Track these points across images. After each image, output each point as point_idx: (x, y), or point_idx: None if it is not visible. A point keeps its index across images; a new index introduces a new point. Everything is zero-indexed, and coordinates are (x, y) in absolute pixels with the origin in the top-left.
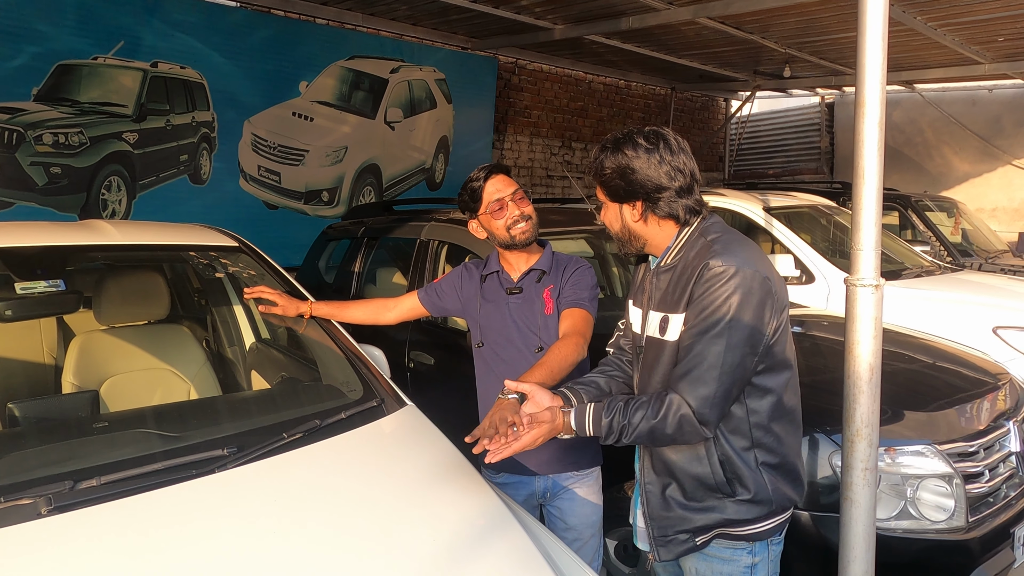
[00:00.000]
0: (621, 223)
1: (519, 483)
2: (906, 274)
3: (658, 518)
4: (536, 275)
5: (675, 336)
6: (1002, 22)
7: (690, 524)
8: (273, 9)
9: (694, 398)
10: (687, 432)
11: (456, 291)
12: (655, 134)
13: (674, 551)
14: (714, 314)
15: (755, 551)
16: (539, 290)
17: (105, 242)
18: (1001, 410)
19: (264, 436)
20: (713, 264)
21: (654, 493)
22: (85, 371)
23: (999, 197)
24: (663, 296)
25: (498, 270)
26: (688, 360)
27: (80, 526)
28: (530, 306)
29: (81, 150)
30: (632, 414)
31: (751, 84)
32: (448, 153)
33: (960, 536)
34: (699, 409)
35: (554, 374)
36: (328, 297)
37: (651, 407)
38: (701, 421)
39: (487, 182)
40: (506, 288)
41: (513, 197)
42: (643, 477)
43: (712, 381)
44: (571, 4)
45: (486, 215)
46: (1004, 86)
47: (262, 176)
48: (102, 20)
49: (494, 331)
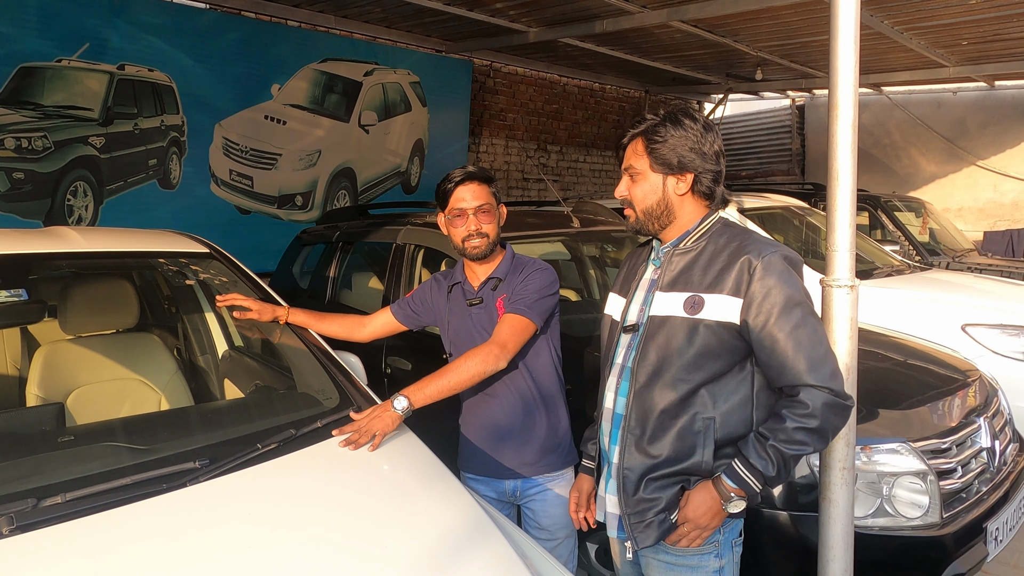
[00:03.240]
0: (662, 195)
1: (488, 482)
2: (877, 273)
3: (633, 503)
4: (493, 283)
5: (715, 316)
6: (965, 26)
7: (666, 501)
8: (244, 11)
9: (823, 379)
10: (839, 415)
11: (429, 303)
12: (705, 118)
13: (654, 534)
14: (787, 300)
15: (721, 553)
16: (494, 298)
17: (70, 250)
18: (972, 406)
19: (238, 447)
20: (759, 256)
21: (631, 479)
22: (50, 383)
23: (964, 197)
24: (680, 276)
25: (461, 281)
26: (796, 351)
27: (44, 546)
28: (489, 315)
29: (45, 155)
30: (787, 435)
31: (723, 87)
32: (423, 156)
33: (935, 532)
34: (834, 387)
35: (449, 383)
36: (303, 304)
37: (797, 418)
38: (841, 396)
39: (457, 187)
40: (467, 300)
41: (476, 211)
42: (620, 462)
43: (826, 356)
44: (545, 7)
45: (447, 219)
46: (968, 89)
47: (234, 180)
48: (66, 21)
49: (460, 342)
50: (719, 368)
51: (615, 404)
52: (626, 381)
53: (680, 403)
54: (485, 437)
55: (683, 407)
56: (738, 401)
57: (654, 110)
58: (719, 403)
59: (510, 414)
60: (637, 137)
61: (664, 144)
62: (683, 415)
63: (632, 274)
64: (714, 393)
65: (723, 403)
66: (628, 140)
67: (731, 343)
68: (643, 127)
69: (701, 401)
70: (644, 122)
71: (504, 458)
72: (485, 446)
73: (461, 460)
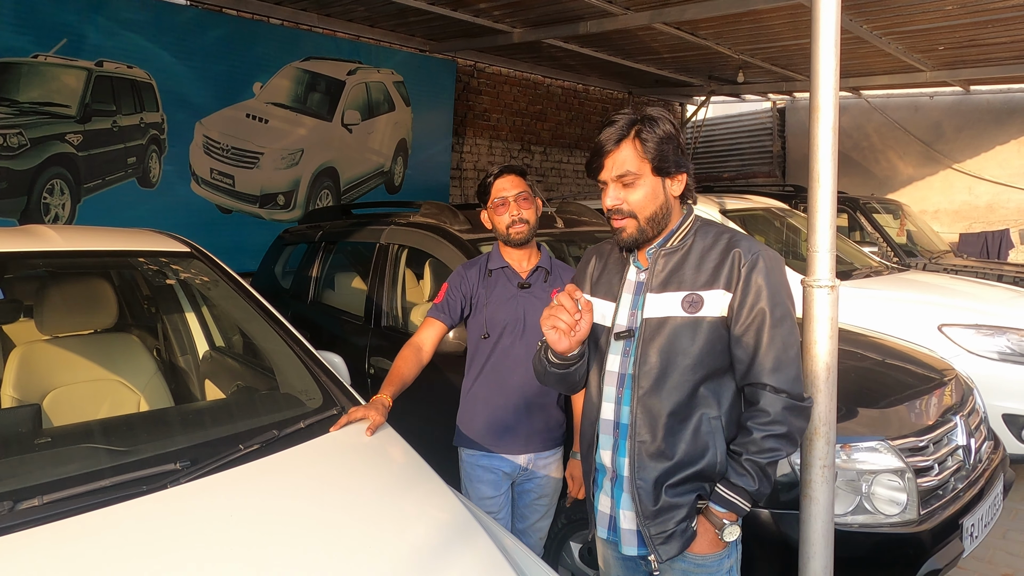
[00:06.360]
0: (664, 199)
1: (503, 460)
2: (856, 274)
3: (653, 514)
4: (542, 274)
5: (715, 312)
6: (941, 32)
7: (687, 509)
8: (225, 8)
9: (782, 382)
10: (799, 416)
11: (460, 294)
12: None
13: (677, 545)
14: (772, 300)
15: (731, 552)
16: (547, 288)
17: (47, 248)
18: (948, 405)
19: (219, 448)
20: (748, 253)
21: (646, 490)
22: (26, 384)
23: (940, 199)
24: (671, 276)
25: (504, 266)
26: (767, 348)
27: (21, 549)
28: (538, 302)
29: (21, 152)
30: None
31: (706, 89)
32: (407, 156)
33: (912, 529)
34: (792, 391)
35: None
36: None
37: (762, 427)
38: (798, 398)
39: (497, 179)
40: (516, 283)
41: (517, 198)
42: (632, 474)
43: (794, 360)
44: (530, 8)
45: (490, 209)
46: (944, 93)
47: (215, 179)
48: (43, 16)
49: (501, 323)
50: (719, 364)
51: (618, 415)
52: (628, 389)
53: (687, 404)
54: (508, 413)
55: (690, 408)
56: (733, 396)
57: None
58: (722, 401)
59: (535, 390)
60: (626, 140)
61: (660, 144)
62: (691, 417)
63: (611, 276)
64: (715, 391)
65: (724, 401)
66: (613, 146)
67: (727, 338)
68: (629, 129)
69: (705, 401)
70: (618, 123)
71: (523, 432)
72: (508, 421)
73: (474, 440)
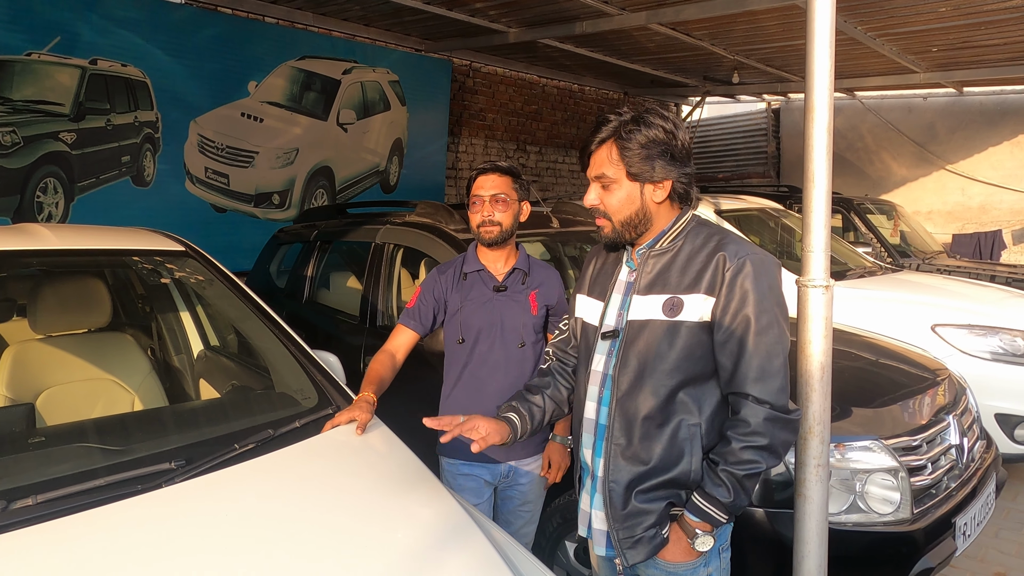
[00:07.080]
0: (640, 204)
1: (484, 468)
2: (850, 275)
3: (622, 518)
4: (519, 276)
5: (695, 316)
6: (934, 34)
7: (656, 515)
8: (220, 7)
9: (766, 393)
10: (784, 429)
11: (432, 298)
12: (674, 115)
13: (644, 551)
14: (758, 306)
15: (708, 561)
16: (524, 290)
17: (41, 247)
18: (941, 404)
19: (214, 448)
20: (734, 257)
21: (617, 492)
22: (19, 383)
23: (933, 200)
24: (657, 279)
25: (480, 269)
26: (751, 356)
27: (16, 549)
28: (515, 305)
29: (14, 150)
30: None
31: (701, 90)
32: (402, 155)
33: (906, 527)
34: (777, 402)
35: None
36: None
37: (741, 438)
38: (783, 410)
39: (478, 177)
40: (492, 286)
41: (492, 199)
42: (605, 475)
43: (779, 370)
44: (525, 8)
45: (468, 207)
46: (937, 95)
47: (209, 178)
48: (36, 14)
49: (476, 328)
50: (700, 370)
51: (597, 414)
52: (607, 390)
53: (663, 409)
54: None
55: (667, 413)
56: (718, 404)
57: (618, 110)
58: (704, 408)
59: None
60: (607, 142)
61: (639, 150)
62: (669, 422)
63: (605, 276)
64: (696, 397)
65: (707, 408)
66: (596, 146)
67: (710, 343)
68: (611, 131)
69: (684, 407)
70: (608, 123)
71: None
72: None
73: (453, 448)
